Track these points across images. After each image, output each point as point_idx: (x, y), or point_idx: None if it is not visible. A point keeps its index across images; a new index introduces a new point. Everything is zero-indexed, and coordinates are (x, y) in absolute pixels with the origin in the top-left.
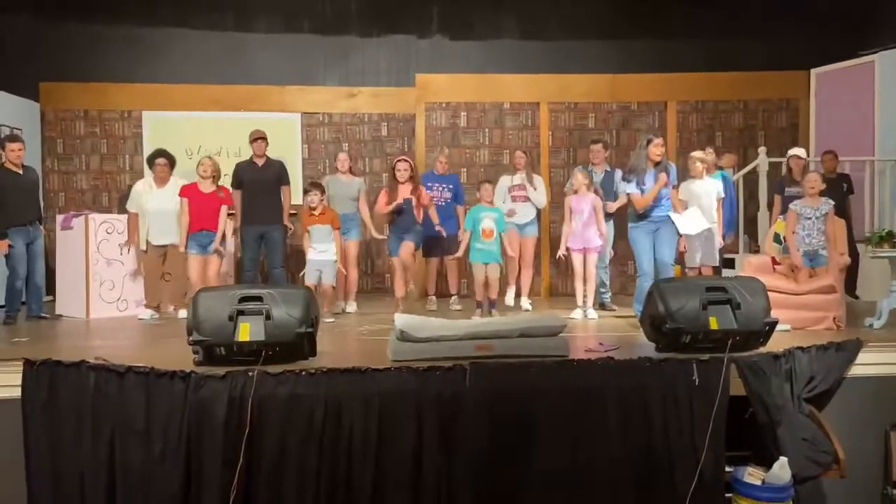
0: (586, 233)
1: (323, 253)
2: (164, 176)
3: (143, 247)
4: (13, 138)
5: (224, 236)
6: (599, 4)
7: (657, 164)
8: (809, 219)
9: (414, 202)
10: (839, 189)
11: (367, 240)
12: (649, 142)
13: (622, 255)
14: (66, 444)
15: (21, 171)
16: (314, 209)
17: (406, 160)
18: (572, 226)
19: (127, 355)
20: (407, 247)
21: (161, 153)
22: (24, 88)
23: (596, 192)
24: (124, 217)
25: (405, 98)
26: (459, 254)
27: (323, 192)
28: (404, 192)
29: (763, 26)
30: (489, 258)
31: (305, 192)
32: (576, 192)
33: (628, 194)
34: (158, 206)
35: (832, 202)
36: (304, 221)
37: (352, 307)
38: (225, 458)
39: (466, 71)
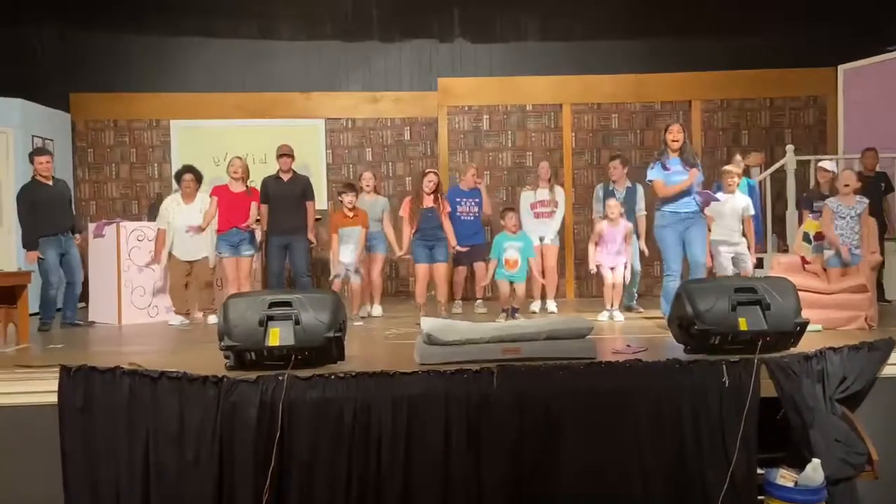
0: (617, 259)
1: (351, 257)
2: (191, 192)
3: (164, 263)
4: (40, 151)
5: (258, 222)
6: (621, 4)
7: (680, 150)
8: (844, 218)
9: (439, 210)
10: (877, 187)
11: (391, 256)
12: (666, 128)
13: (647, 256)
14: (102, 449)
15: (51, 183)
16: (350, 210)
17: (435, 172)
18: (600, 251)
19: (160, 361)
20: (438, 270)
21: (188, 169)
22: (56, 99)
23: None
24: (154, 225)
25: (427, 102)
26: (486, 283)
27: (357, 193)
28: (428, 201)
29: (789, 23)
30: (514, 279)
31: (340, 193)
32: (611, 220)
33: (651, 181)
34: (185, 221)
35: (867, 200)
36: (336, 223)
37: (377, 311)
38: (257, 462)
39: (488, 74)
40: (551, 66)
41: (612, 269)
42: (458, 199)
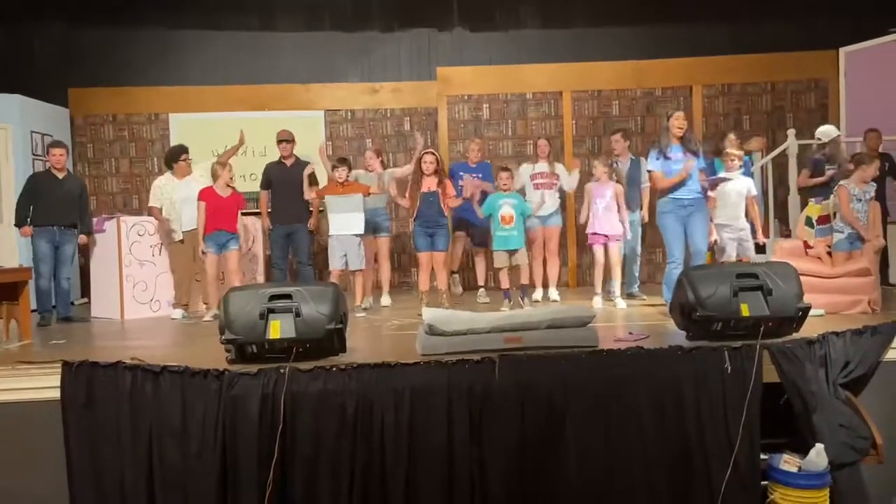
0: (608, 217)
1: (345, 226)
2: (188, 170)
3: (180, 236)
4: (56, 144)
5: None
6: None
7: (682, 138)
8: (861, 201)
9: (440, 194)
10: (881, 168)
11: (395, 235)
12: (669, 116)
13: (649, 242)
14: (106, 444)
15: (61, 176)
16: (340, 183)
17: (433, 153)
18: (592, 210)
19: (161, 355)
20: (438, 258)
21: (184, 149)
22: (55, 95)
23: (618, 181)
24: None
25: (427, 92)
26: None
27: (350, 168)
28: (430, 184)
29: (789, 5)
30: (512, 244)
31: (333, 167)
32: (597, 180)
33: (649, 171)
34: (187, 194)
35: (875, 185)
36: (325, 192)
37: (386, 300)
38: (260, 454)
39: (488, 62)
40: (551, 53)
41: (604, 238)
42: (463, 174)
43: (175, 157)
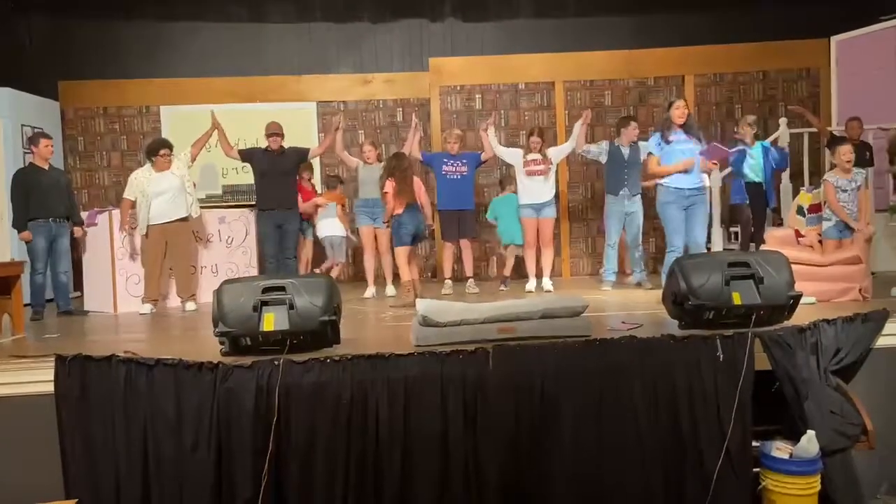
0: None
1: (328, 228)
2: (167, 165)
3: (144, 231)
4: (45, 135)
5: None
6: None
7: (685, 125)
8: (846, 191)
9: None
10: (862, 157)
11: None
12: (671, 105)
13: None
14: (100, 438)
15: (47, 168)
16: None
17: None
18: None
19: (155, 348)
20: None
21: (164, 143)
22: (44, 88)
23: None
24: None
25: (419, 83)
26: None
27: (342, 181)
28: None
29: None
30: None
31: (334, 187)
32: None
33: (648, 154)
34: (160, 188)
35: (864, 172)
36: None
37: (391, 290)
38: (255, 446)
39: (480, 53)
40: (543, 43)
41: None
42: (445, 160)
43: (153, 152)
